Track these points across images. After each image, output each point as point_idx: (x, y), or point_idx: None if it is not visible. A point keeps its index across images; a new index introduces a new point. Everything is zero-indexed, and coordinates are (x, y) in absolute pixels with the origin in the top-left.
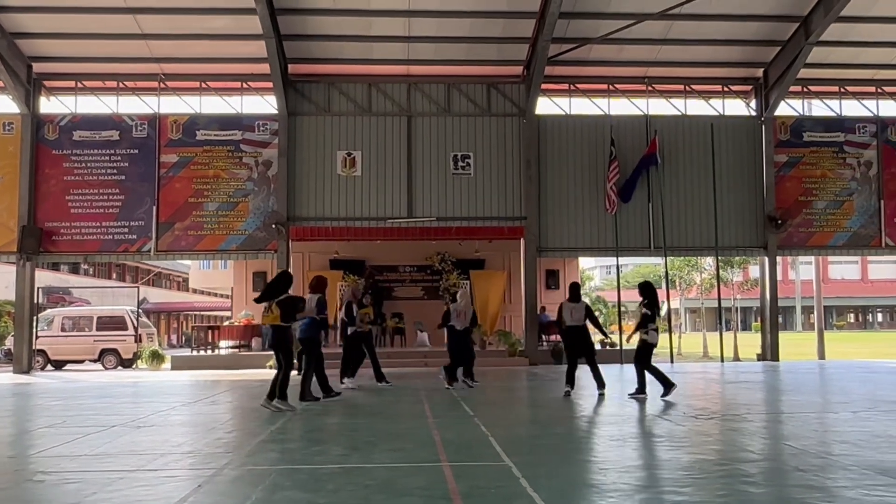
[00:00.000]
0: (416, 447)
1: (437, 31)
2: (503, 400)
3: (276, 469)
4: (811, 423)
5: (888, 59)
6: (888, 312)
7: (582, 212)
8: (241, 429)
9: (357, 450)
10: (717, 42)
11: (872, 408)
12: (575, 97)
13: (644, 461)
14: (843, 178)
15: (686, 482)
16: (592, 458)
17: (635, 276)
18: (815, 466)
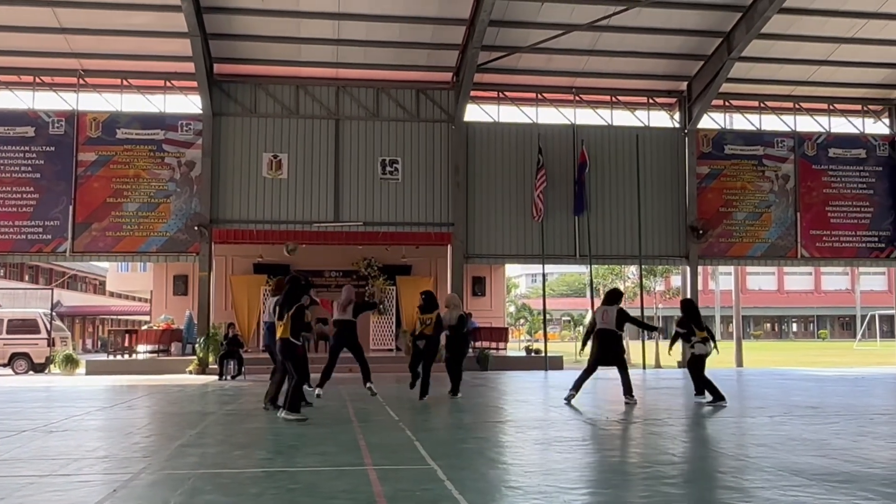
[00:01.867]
0: (341, 451)
1: (367, 35)
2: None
3: (195, 473)
4: (729, 427)
5: (805, 76)
6: (802, 322)
7: (509, 219)
8: (159, 433)
9: (281, 453)
10: (643, 55)
11: (787, 413)
12: (504, 105)
13: (568, 464)
14: (761, 190)
15: (609, 484)
16: (517, 461)
17: (560, 284)
18: (733, 468)
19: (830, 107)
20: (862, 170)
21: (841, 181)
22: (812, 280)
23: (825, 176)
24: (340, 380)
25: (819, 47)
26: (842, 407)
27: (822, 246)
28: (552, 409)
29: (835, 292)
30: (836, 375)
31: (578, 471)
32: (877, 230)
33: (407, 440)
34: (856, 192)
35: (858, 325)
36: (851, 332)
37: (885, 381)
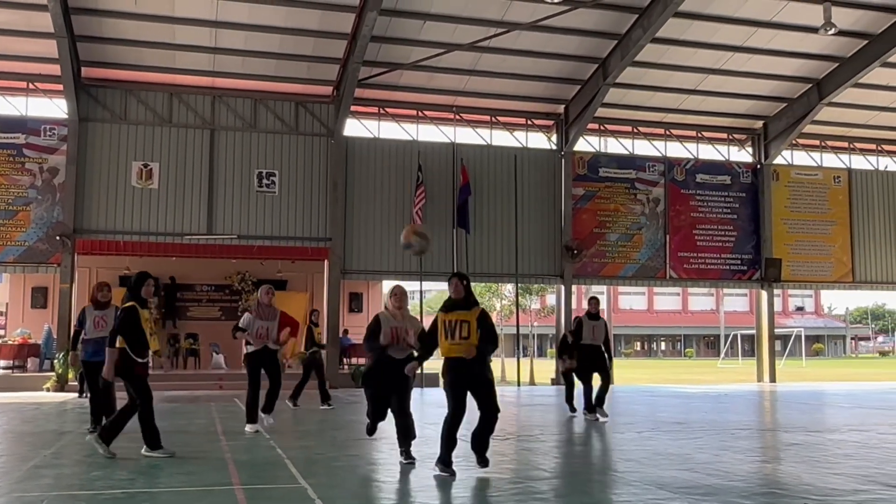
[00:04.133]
0: (207, 470)
1: (245, 45)
2: (300, 422)
3: (49, 496)
4: (599, 442)
5: (676, 104)
6: (670, 341)
7: (388, 235)
8: (10, 454)
9: (143, 474)
10: (523, 77)
11: (655, 428)
12: (384, 121)
13: (441, 481)
14: (633, 212)
15: (482, 500)
16: (390, 479)
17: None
18: (602, 483)
19: (699, 134)
20: (727, 195)
21: (707, 206)
22: (680, 300)
23: (693, 200)
24: (209, 397)
25: (689, 77)
26: (705, 422)
27: (690, 267)
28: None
29: (701, 312)
30: (700, 392)
31: (452, 487)
32: (740, 253)
33: (277, 458)
34: (721, 217)
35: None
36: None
37: (745, 398)
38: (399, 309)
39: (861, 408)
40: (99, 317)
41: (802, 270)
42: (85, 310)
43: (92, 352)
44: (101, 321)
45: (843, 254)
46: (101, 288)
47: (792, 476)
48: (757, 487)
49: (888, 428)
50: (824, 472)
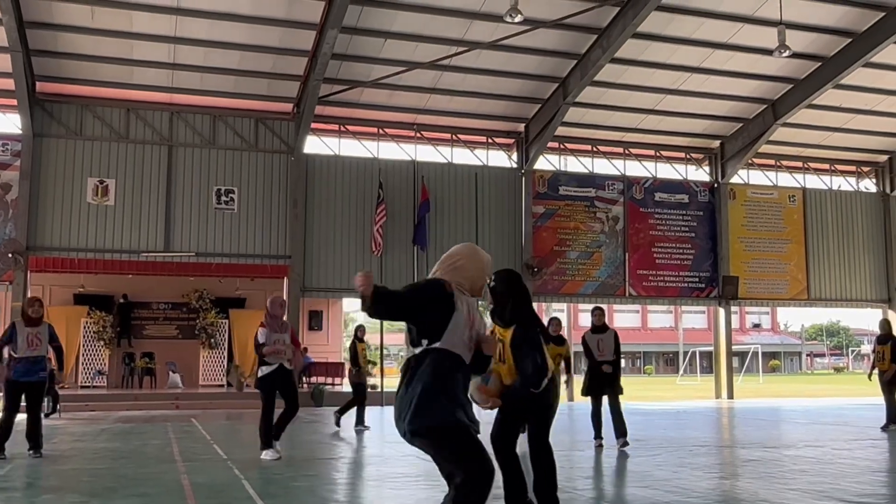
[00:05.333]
0: (163, 492)
1: (205, 61)
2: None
3: None
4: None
5: (634, 124)
6: (630, 358)
7: (348, 253)
8: None
9: (96, 496)
10: (483, 95)
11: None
12: (345, 138)
13: (400, 500)
14: (593, 230)
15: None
16: (350, 499)
17: None
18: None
19: (657, 153)
20: (685, 214)
21: (666, 224)
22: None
23: (651, 219)
24: (165, 417)
25: (647, 97)
26: (664, 439)
27: (648, 285)
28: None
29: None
30: (660, 409)
31: None
32: (698, 271)
33: (234, 479)
34: (679, 235)
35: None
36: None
37: (704, 415)
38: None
39: (816, 424)
40: (32, 335)
41: (759, 288)
42: (14, 325)
43: (23, 371)
44: (35, 339)
45: (799, 271)
46: (32, 303)
47: (749, 492)
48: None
49: (842, 444)
50: (780, 487)
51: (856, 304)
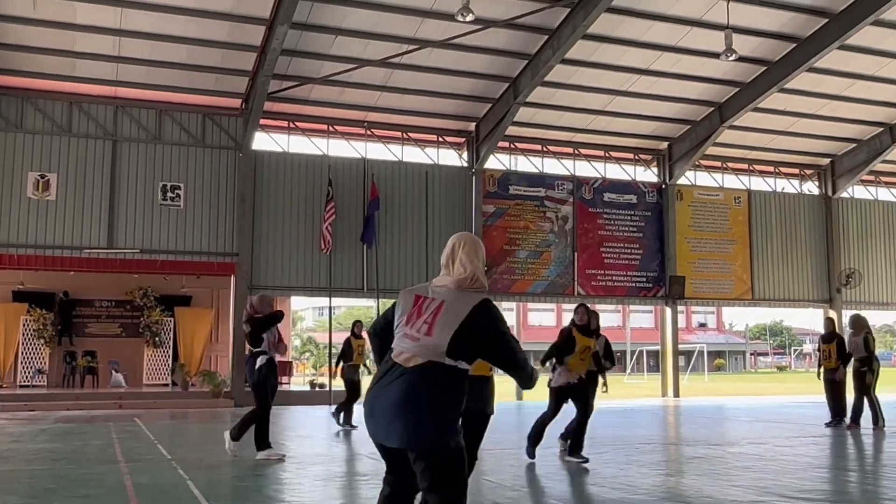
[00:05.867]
0: (105, 493)
1: (151, 55)
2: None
3: None
4: (507, 459)
5: (584, 124)
6: None
7: (296, 251)
8: None
9: (36, 497)
10: (434, 94)
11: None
12: (294, 135)
13: (348, 500)
14: (542, 230)
15: None
16: (297, 498)
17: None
18: (510, 499)
19: (606, 154)
20: (633, 214)
21: (614, 224)
22: None
23: (600, 219)
24: (108, 416)
25: (597, 98)
26: (612, 437)
27: (597, 284)
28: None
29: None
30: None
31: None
32: (645, 271)
33: (179, 480)
34: (627, 235)
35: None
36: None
37: (650, 413)
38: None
39: (759, 421)
40: None
41: (705, 288)
42: None
43: None
44: None
45: (743, 272)
46: None
47: (693, 489)
48: (660, 500)
49: (784, 441)
50: (724, 484)
51: (798, 304)
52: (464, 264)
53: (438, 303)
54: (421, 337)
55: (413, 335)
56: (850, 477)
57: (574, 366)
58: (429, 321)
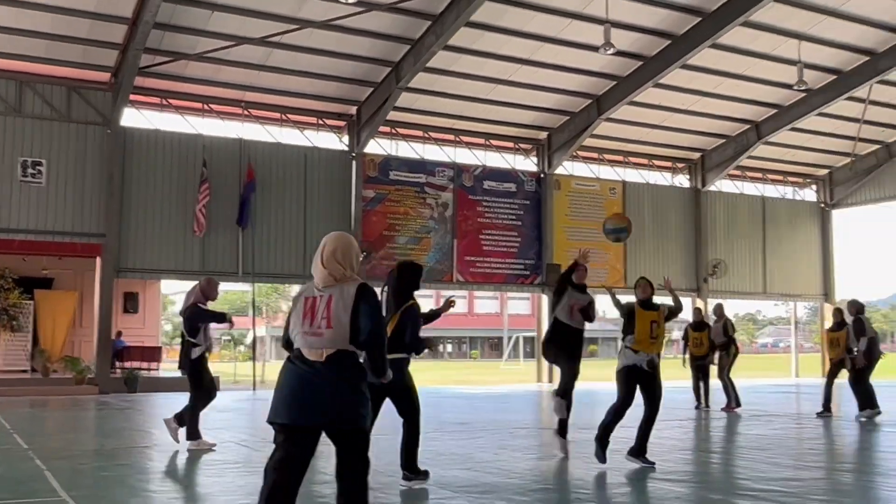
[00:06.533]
0: None
1: (12, 22)
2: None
3: None
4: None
5: (465, 112)
6: (457, 343)
7: (168, 233)
8: None
9: None
10: (315, 76)
11: (438, 429)
12: (167, 112)
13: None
14: (423, 216)
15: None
16: (162, 488)
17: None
18: (383, 484)
19: (487, 142)
20: (512, 202)
21: (494, 212)
22: (466, 303)
23: (480, 206)
24: None
25: (479, 86)
26: (487, 422)
27: (476, 271)
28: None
29: (486, 315)
30: (484, 393)
31: (228, 494)
32: (523, 258)
33: (36, 471)
34: (506, 223)
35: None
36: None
37: (525, 398)
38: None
39: None
40: None
41: None
42: None
43: None
44: None
45: (617, 261)
46: None
47: (565, 472)
48: (533, 484)
49: None
50: (595, 466)
51: None
52: (340, 262)
53: (328, 298)
54: (324, 331)
55: (316, 332)
56: (712, 458)
57: (643, 346)
58: (325, 316)
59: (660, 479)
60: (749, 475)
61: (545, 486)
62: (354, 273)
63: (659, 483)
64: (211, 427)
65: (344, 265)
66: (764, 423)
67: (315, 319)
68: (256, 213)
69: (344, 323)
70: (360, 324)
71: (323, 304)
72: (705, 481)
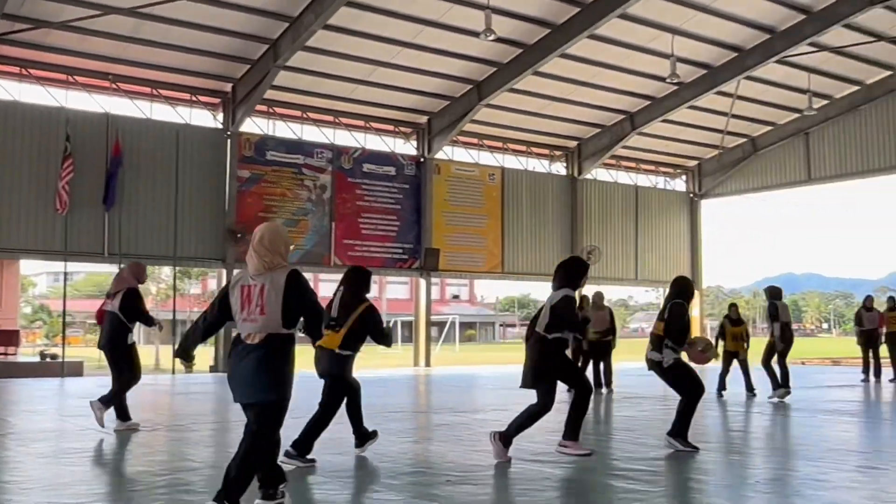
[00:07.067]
0: None
1: None
2: None
3: None
4: None
5: (346, 93)
6: None
7: (27, 210)
8: None
9: None
10: (188, 50)
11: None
12: (27, 83)
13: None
14: (300, 198)
15: (120, 497)
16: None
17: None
18: None
19: (367, 124)
20: (391, 186)
21: (373, 195)
22: None
23: (359, 189)
24: None
25: (359, 67)
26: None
27: (354, 255)
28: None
29: None
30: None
31: (87, 484)
32: (402, 242)
33: None
34: (385, 207)
35: None
36: None
37: (402, 382)
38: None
39: (504, 389)
40: None
41: (458, 261)
42: None
43: None
44: None
45: (495, 246)
46: None
47: (438, 455)
48: (405, 467)
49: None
50: (467, 449)
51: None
52: (270, 251)
53: (260, 286)
54: (258, 318)
55: (251, 318)
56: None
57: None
58: (259, 304)
59: (530, 461)
60: (617, 455)
61: (417, 470)
62: (283, 260)
63: (529, 465)
64: (70, 414)
65: (272, 252)
66: (633, 405)
67: (250, 307)
68: (124, 192)
69: (276, 309)
70: (296, 307)
71: (256, 292)
72: (575, 462)
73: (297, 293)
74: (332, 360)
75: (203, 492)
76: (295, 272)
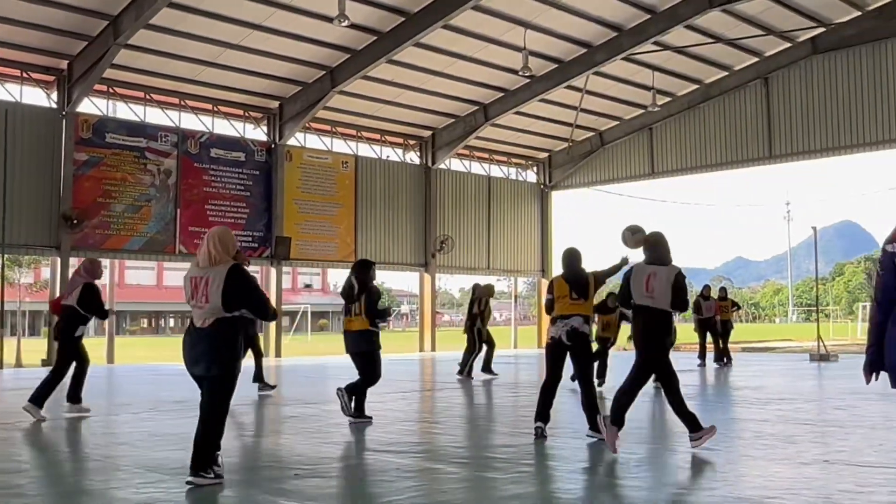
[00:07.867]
0: None
1: None
2: None
3: None
4: (92, 427)
5: (192, 75)
6: (180, 318)
7: None
8: None
9: None
10: (18, 23)
11: (153, 408)
12: None
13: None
14: (143, 183)
15: None
16: None
17: None
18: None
19: (215, 108)
20: (241, 172)
21: (221, 181)
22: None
23: (206, 175)
24: None
25: (207, 48)
26: None
27: (200, 242)
28: None
29: None
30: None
31: None
32: (252, 230)
33: None
34: (234, 193)
35: None
36: None
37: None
38: None
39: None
40: None
41: (311, 249)
42: None
43: None
44: None
45: (348, 235)
46: None
47: (286, 448)
48: (251, 462)
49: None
50: (317, 442)
51: (398, 266)
52: (217, 250)
53: (206, 278)
54: (204, 305)
55: (200, 305)
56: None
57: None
58: (204, 293)
59: (381, 451)
60: (467, 443)
61: (267, 464)
62: (228, 257)
63: (380, 455)
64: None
65: (223, 252)
66: (484, 392)
67: (197, 296)
68: None
69: (217, 298)
70: (236, 296)
71: (203, 283)
72: (426, 451)
73: (236, 284)
74: (361, 339)
75: (32, 495)
76: (236, 266)
